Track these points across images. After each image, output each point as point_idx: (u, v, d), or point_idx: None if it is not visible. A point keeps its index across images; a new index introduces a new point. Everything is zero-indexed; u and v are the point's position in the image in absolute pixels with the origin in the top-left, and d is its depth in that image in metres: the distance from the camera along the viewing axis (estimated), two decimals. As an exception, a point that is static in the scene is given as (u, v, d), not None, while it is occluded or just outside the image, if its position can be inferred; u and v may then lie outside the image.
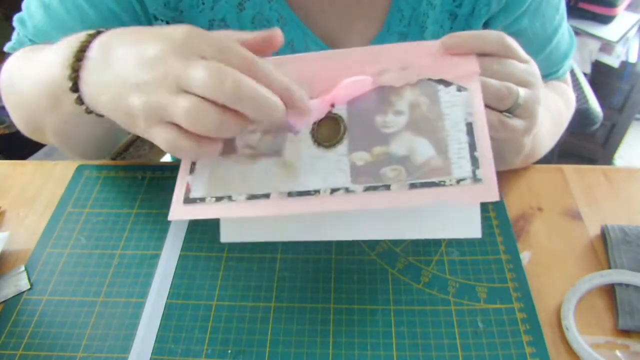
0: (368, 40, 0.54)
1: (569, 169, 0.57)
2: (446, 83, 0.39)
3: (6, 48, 0.56)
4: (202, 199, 0.39)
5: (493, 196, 0.35)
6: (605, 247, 0.49)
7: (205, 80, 0.32)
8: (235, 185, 0.39)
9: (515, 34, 0.55)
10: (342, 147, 0.39)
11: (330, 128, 0.40)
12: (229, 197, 0.38)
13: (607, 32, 1.43)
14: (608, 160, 1.63)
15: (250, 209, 0.38)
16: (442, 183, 0.36)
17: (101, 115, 0.41)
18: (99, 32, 0.40)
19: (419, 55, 0.40)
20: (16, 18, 0.55)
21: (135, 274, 0.49)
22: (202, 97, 0.32)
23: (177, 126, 0.33)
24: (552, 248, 0.50)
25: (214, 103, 0.32)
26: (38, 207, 0.56)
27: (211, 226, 0.52)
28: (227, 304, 0.46)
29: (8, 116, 0.53)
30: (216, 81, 0.32)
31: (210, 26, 0.52)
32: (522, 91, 0.40)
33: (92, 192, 0.57)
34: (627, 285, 0.45)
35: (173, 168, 0.59)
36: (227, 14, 0.51)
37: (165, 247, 0.51)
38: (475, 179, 0.35)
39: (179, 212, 0.39)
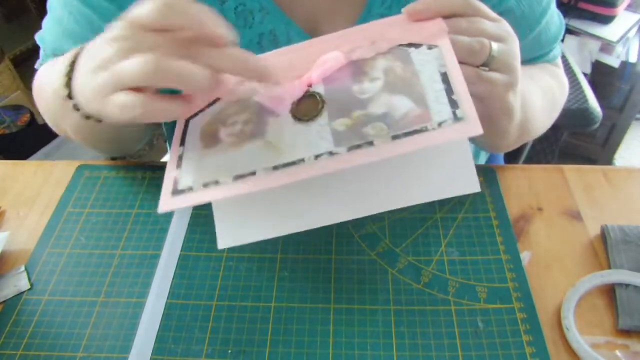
0: (349, 26, 0.55)
1: (569, 169, 0.57)
2: (416, 45, 0.40)
3: (36, 66, 0.59)
4: (190, 188, 0.39)
5: (476, 130, 0.35)
6: (605, 247, 0.49)
7: (132, 65, 0.34)
8: (222, 171, 0.39)
9: (502, 14, 0.55)
10: (322, 118, 0.39)
11: (308, 105, 0.40)
12: (216, 182, 0.38)
13: (607, 32, 1.43)
14: (608, 160, 1.63)
15: (237, 188, 0.38)
16: (424, 129, 0.36)
17: (99, 120, 0.43)
18: None
19: (386, 29, 0.41)
20: (37, 36, 0.59)
21: (135, 274, 0.49)
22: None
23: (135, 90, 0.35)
24: (552, 248, 0.50)
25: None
26: (38, 207, 0.56)
27: (211, 226, 0.52)
28: (227, 304, 0.46)
29: (8, 116, 0.54)
30: (137, 67, 0.34)
31: None
32: (494, 45, 0.41)
33: (92, 192, 0.57)
34: (627, 285, 0.45)
35: (173, 168, 0.59)
36: (210, 5, 0.52)
37: (165, 247, 0.51)
38: (456, 118, 0.36)
39: (168, 203, 0.39)
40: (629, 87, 1.50)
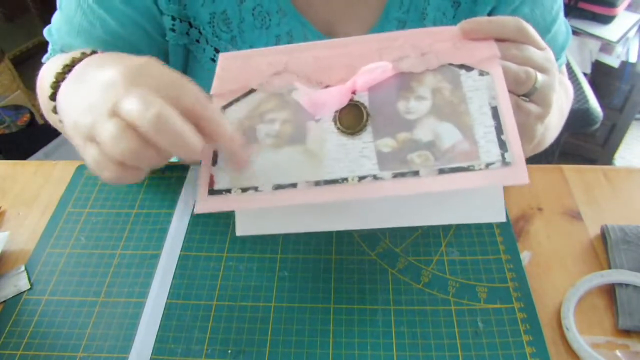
0: (367, 29, 0.55)
1: (569, 169, 0.57)
2: (467, 68, 0.39)
3: (43, 59, 0.59)
4: (228, 191, 0.38)
5: (523, 178, 0.34)
6: (605, 247, 0.49)
7: (132, 107, 0.32)
8: (260, 176, 0.38)
9: None
10: (367, 134, 0.38)
11: (352, 115, 0.39)
12: (255, 188, 0.38)
13: (607, 32, 1.43)
14: (608, 160, 1.63)
15: (277, 199, 0.37)
16: (472, 167, 0.35)
17: None
18: (94, 52, 0.43)
19: (437, 41, 0.40)
20: (46, 31, 0.59)
21: (135, 274, 0.49)
22: (130, 124, 0.32)
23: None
24: (552, 248, 0.50)
25: (137, 132, 0.32)
26: (38, 207, 0.56)
27: (211, 226, 0.52)
28: (227, 304, 0.46)
29: (8, 116, 0.55)
30: (141, 108, 0.32)
31: (211, 18, 0.53)
32: (539, 76, 0.40)
33: (92, 192, 0.57)
34: (627, 285, 0.45)
35: (173, 168, 0.59)
36: (228, 6, 0.52)
37: (165, 247, 0.51)
38: (505, 162, 0.35)
39: (205, 204, 0.38)
40: (629, 87, 1.50)
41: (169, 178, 0.58)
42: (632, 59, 1.49)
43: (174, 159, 0.80)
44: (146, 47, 0.56)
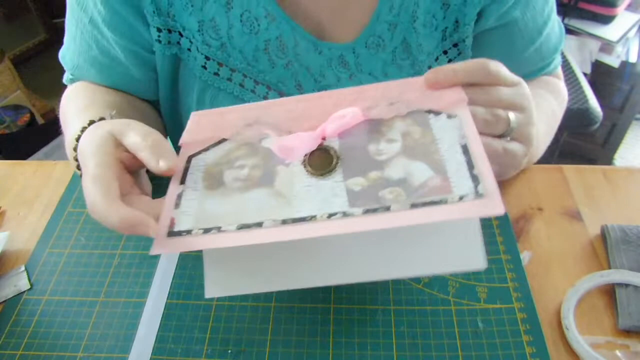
0: (358, 31, 0.54)
1: (569, 169, 0.57)
2: (435, 112, 0.39)
3: (64, 80, 0.62)
4: (188, 232, 0.36)
5: (497, 209, 0.33)
6: (605, 247, 0.49)
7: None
8: (226, 218, 0.37)
9: (507, 25, 0.56)
10: (337, 175, 0.38)
11: (322, 158, 0.39)
12: (218, 228, 0.36)
13: (607, 32, 1.43)
14: (608, 160, 1.63)
15: (241, 238, 0.35)
16: (444, 201, 0.35)
17: None
18: (92, 122, 0.44)
19: (405, 91, 0.41)
20: (60, 54, 0.60)
21: (135, 274, 0.49)
22: None
23: None
24: (552, 248, 0.50)
25: None
26: (38, 207, 0.56)
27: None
28: (227, 304, 0.46)
29: (8, 116, 0.54)
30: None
31: (200, 26, 0.53)
32: (512, 115, 0.41)
33: (92, 192, 0.57)
34: (627, 285, 0.45)
35: (173, 168, 0.59)
36: (216, 14, 0.52)
37: (165, 247, 0.51)
38: (478, 194, 0.34)
39: (162, 245, 0.36)
40: (629, 87, 1.50)
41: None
42: (632, 59, 1.49)
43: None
44: (135, 68, 0.57)
